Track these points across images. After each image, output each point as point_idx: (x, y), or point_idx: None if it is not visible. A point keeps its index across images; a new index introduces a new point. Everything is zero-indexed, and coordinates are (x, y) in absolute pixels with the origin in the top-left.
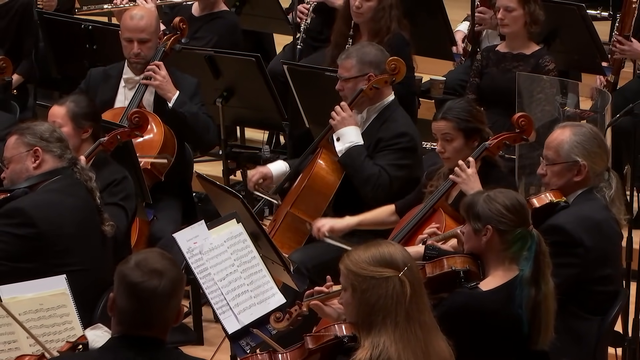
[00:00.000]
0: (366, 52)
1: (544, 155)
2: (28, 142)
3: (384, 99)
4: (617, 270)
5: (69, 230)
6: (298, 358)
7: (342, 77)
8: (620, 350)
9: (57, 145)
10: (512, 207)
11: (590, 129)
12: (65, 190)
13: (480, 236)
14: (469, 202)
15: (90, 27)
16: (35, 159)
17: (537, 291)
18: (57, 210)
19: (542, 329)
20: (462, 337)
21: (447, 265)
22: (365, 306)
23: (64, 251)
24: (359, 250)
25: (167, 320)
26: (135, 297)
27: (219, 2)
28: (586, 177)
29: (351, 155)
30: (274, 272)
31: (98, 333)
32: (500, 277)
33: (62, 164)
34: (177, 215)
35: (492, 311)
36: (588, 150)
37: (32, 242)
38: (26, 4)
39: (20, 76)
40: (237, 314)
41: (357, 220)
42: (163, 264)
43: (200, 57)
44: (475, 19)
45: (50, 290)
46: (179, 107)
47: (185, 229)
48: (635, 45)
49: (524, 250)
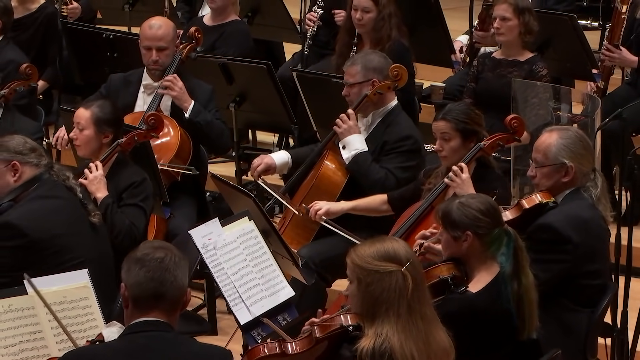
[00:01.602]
0: (370, 59)
1: (533, 158)
2: (4, 158)
3: (388, 104)
4: (604, 264)
5: (59, 231)
6: (306, 346)
7: (348, 83)
8: (609, 340)
9: (31, 155)
10: (487, 210)
11: (576, 132)
12: (47, 195)
13: (460, 242)
14: (444, 211)
15: (111, 36)
16: (14, 172)
17: (519, 285)
18: (43, 215)
19: (527, 319)
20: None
21: (435, 275)
22: (369, 298)
23: (59, 251)
24: (365, 245)
25: (176, 293)
26: (145, 267)
27: (230, 13)
28: (574, 178)
29: (358, 161)
30: (284, 266)
31: (113, 330)
32: (485, 277)
33: (39, 170)
34: (193, 213)
35: (484, 310)
36: (574, 152)
37: (26, 250)
38: (51, 14)
39: (46, 82)
40: (248, 305)
41: (351, 205)
42: (164, 244)
43: (215, 64)
44: (474, 38)
45: (73, 284)
46: (194, 117)
47: (200, 226)
48: (623, 53)
49: (502, 247)
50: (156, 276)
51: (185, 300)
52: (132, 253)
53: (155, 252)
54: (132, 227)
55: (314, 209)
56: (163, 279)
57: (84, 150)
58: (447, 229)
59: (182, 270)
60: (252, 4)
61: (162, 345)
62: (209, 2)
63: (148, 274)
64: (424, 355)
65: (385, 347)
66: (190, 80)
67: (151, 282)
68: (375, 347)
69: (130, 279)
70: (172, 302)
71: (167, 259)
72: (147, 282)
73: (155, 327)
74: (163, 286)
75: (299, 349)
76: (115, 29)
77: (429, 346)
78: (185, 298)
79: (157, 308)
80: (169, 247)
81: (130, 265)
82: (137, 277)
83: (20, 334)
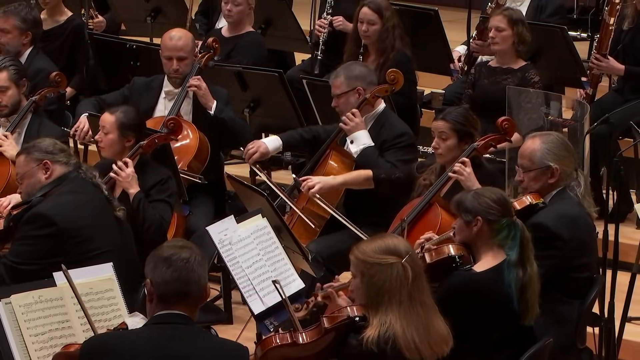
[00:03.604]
0: (351, 69)
1: (519, 164)
2: (36, 157)
3: (377, 108)
4: (592, 258)
5: (85, 222)
6: (315, 336)
7: (335, 94)
8: (597, 329)
9: (61, 155)
10: (498, 200)
11: (557, 135)
12: (75, 190)
13: (471, 227)
14: (459, 200)
15: (134, 46)
16: (46, 170)
17: (524, 272)
18: (71, 207)
19: (530, 306)
20: (461, 313)
21: (445, 252)
22: (373, 289)
23: (84, 240)
24: (366, 242)
25: (199, 291)
26: (172, 266)
27: (245, 25)
28: (559, 179)
29: (366, 154)
30: (294, 260)
31: (137, 319)
32: (491, 261)
33: (68, 169)
34: (210, 210)
35: (486, 289)
36: (558, 155)
37: (55, 238)
38: (78, 25)
39: (73, 89)
40: (262, 297)
41: (342, 179)
42: (188, 244)
43: (230, 72)
44: (472, 48)
45: (99, 276)
46: (219, 114)
47: (217, 223)
48: (611, 62)
49: (509, 237)
50: (182, 276)
51: (205, 296)
52: (157, 251)
53: (181, 252)
54: (162, 220)
55: (307, 184)
56: (188, 279)
57: (108, 152)
58: (460, 214)
59: (203, 268)
60: (265, 17)
61: (185, 336)
62: (226, 16)
63: (175, 274)
64: (425, 341)
65: (389, 333)
66: (209, 86)
67: (177, 282)
68: (380, 335)
69: (156, 277)
70: (195, 299)
71: (192, 259)
72: (174, 282)
73: (179, 319)
74: (188, 286)
75: (309, 338)
76: (138, 39)
77: (428, 332)
78: (205, 294)
79: (182, 304)
80: (192, 246)
81: (157, 264)
82: (164, 276)
83: (50, 322)
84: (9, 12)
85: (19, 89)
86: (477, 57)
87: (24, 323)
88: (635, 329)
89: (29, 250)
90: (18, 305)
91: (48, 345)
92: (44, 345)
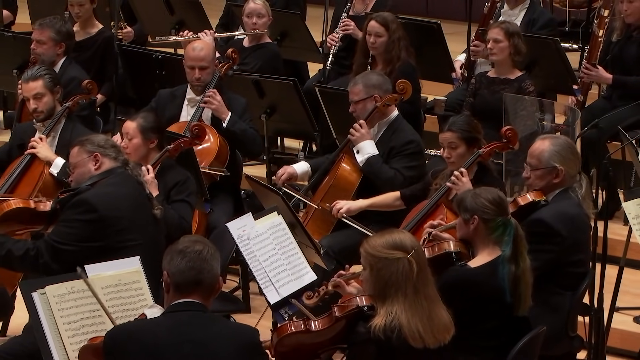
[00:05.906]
0: (369, 77)
1: (527, 162)
2: (88, 149)
3: (390, 115)
4: (587, 255)
5: (125, 213)
6: (327, 324)
7: (353, 101)
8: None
9: (111, 150)
10: (494, 200)
11: (565, 139)
12: (120, 183)
13: (469, 224)
14: (460, 199)
15: (160, 56)
16: (95, 162)
17: (517, 267)
18: (114, 198)
19: (522, 298)
20: (456, 307)
21: (442, 248)
22: (380, 281)
23: (122, 230)
24: (375, 237)
25: (212, 280)
26: (187, 257)
27: (264, 37)
28: (563, 180)
29: (370, 163)
30: (307, 254)
31: (155, 310)
32: (486, 257)
33: (116, 164)
34: (229, 208)
35: (479, 283)
36: (564, 157)
37: (95, 224)
38: (108, 37)
39: (103, 96)
40: (277, 288)
41: (369, 202)
42: (201, 239)
43: (248, 81)
44: (471, 51)
45: (127, 269)
46: (231, 127)
47: (236, 220)
48: (600, 71)
49: (504, 235)
50: (196, 265)
51: (218, 287)
52: (173, 246)
53: (194, 245)
54: (182, 220)
55: (336, 207)
56: (202, 268)
57: (134, 157)
58: (460, 213)
59: (216, 261)
60: (281, 29)
61: (201, 321)
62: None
63: (189, 264)
64: (428, 330)
65: (395, 323)
66: (228, 94)
67: (192, 271)
68: (387, 324)
69: (172, 267)
70: (208, 287)
71: (204, 251)
72: (188, 271)
73: (194, 307)
74: (201, 274)
75: (321, 326)
76: (163, 50)
77: (432, 322)
78: (218, 285)
79: (196, 292)
80: (205, 241)
81: (172, 256)
82: (179, 266)
83: (82, 312)
84: (44, 25)
85: (54, 95)
86: (475, 60)
87: (57, 312)
88: (623, 318)
89: (70, 232)
90: (52, 295)
91: (80, 333)
92: (76, 332)
